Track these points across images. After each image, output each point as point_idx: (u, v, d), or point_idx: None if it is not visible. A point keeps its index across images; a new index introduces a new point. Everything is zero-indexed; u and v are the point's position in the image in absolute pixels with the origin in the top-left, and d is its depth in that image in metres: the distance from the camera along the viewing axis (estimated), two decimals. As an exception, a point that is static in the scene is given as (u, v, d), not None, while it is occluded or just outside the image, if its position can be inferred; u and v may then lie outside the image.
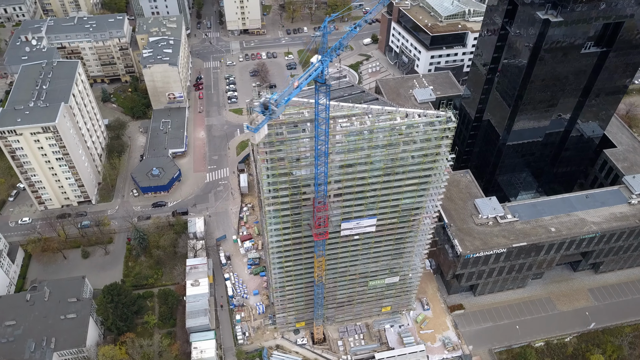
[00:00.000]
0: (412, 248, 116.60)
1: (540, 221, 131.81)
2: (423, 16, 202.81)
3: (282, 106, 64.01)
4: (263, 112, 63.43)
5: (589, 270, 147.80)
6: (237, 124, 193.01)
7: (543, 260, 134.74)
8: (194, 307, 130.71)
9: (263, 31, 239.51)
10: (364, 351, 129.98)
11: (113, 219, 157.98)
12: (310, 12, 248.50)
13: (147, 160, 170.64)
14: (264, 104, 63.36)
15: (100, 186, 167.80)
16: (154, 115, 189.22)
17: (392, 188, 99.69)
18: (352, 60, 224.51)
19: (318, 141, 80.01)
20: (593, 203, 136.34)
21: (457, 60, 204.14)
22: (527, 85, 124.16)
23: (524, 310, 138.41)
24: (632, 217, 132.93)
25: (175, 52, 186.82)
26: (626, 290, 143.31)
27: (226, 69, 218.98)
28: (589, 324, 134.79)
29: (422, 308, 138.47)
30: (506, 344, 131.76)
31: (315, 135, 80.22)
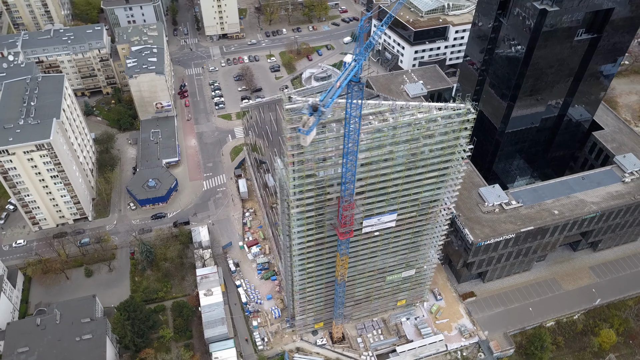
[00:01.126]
0: (428, 240, 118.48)
1: (543, 205, 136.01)
2: (404, 12, 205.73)
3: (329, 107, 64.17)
4: (312, 113, 63.44)
5: (588, 249, 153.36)
6: (227, 130, 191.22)
7: (547, 242, 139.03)
8: (211, 316, 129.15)
9: (242, 35, 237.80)
10: (384, 346, 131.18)
11: (113, 234, 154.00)
12: (287, 13, 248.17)
13: (142, 172, 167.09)
14: (313, 106, 63.42)
15: (94, 202, 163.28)
16: (142, 125, 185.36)
17: (412, 182, 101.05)
18: (335, 60, 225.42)
19: (349, 140, 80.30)
20: (590, 184, 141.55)
21: (440, 54, 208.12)
22: (525, 74, 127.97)
23: (532, 293, 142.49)
24: (627, 194, 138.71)
25: (161, 60, 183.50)
26: (624, 265, 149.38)
27: (209, 75, 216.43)
28: (594, 300, 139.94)
29: (435, 299, 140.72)
30: (519, 326, 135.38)
31: (346, 134, 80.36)
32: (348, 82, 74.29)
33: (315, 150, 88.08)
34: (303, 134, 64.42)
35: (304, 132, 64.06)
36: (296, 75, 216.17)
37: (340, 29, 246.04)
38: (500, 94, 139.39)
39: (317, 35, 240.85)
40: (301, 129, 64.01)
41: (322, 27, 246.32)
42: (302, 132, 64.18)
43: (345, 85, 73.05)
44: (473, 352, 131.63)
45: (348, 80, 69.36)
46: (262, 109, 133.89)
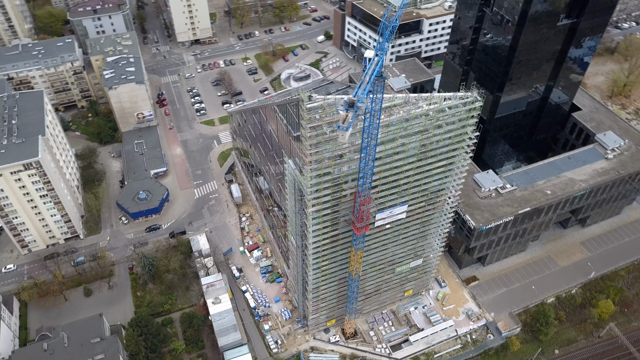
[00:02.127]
0: (435, 229, 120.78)
1: (536, 186, 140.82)
2: (377, 8, 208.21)
3: (364, 101, 64.86)
4: (348, 109, 63.98)
5: (577, 226, 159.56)
6: (212, 136, 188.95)
7: (542, 222, 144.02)
8: (222, 324, 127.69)
9: (215, 39, 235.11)
10: (396, 337, 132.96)
11: (108, 250, 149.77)
12: (258, 15, 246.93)
13: (130, 185, 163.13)
14: (350, 102, 63.93)
15: (84, 219, 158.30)
16: (124, 137, 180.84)
17: (423, 173, 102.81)
18: (311, 59, 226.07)
19: (369, 133, 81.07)
20: (576, 163, 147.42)
21: (415, 47, 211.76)
22: (512, 62, 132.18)
23: (530, 272, 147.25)
24: (611, 170, 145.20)
25: (139, 69, 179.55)
26: (612, 238, 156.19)
27: (186, 82, 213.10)
28: (589, 273, 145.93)
29: (440, 286, 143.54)
30: (523, 305, 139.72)
31: (365, 128, 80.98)
32: (371, 77, 75.06)
33: (333, 148, 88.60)
34: (342, 130, 64.82)
35: (343, 129, 64.48)
36: (274, 77, 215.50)
37: (312, 28, 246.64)
38: (487, 83, 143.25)
39: (290, 36, 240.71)
40: (340, 126, 64.40)
41: (294, 28, 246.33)
42: (342, 129, 64.59)
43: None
44: (482, 334, 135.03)
45: (375, 75, 69.89)
46: (255, 112, 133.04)
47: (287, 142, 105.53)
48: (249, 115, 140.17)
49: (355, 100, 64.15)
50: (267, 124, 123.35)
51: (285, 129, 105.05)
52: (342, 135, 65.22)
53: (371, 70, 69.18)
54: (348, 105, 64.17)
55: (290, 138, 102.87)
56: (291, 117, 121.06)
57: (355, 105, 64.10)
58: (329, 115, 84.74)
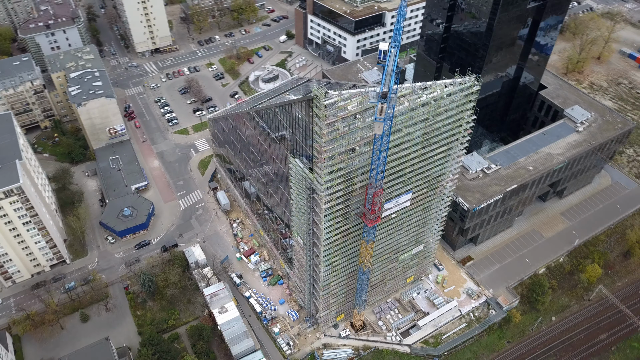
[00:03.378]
0: (435, 213, 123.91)
1: (518, 164, 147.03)
2: (339, 4, 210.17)
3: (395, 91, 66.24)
4: (382, 101, 64.98)
5: (555, 198, 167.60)
6: (188, 145, 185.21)
7: (526, 197, 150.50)
8: (233, 332, 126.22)
9: (175, 47, 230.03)
10: (404, 323, 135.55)
11: (99, 272, 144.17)
12: (216, 20, 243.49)
13: (113, 203, 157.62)
14: (382, 94, 64.93)
15: (67, 243, 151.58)
16: (97, 154, 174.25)
17: (426, 160, 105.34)
18: (276, 60, 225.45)
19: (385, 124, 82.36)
20: (550, 138, 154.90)
21: (379, 40, 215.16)
22: (488, 45, 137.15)
23: (519, 246, 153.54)
24: (583, 142, 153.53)
25: (106, 83, 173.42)
26: (587, 206, 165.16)
27: (152, 93, 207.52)
28: (573, 241, 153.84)
29: (437, 269, 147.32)
30: (517, 278, 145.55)
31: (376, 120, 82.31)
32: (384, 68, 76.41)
33: (346, 143, 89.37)
34: (380, 122, 65.69)
35: (380, 120, 65.39)
36: (242, 80, 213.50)
37: (272, 28, 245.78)
38: (464, 68, 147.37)
39: (251, 38, 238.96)
40: (377, 117, 65.26)
41: (254, 30, 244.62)
42: (379, 120, 65.48)
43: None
44: (484, 310, 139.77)
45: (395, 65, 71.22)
46: (247, 115, 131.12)
47: (294, 142, 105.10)
48: (237, 119, 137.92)
49: (387, 91, 65.30)
50: (271, 123, 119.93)
51: (290, 129, 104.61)
52: (378, 127, 66.17)
53: (392, 61, 70.36)
54: (381, 97, 65.24)
55: (295, 137, 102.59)
56: (270, 120, 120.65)
57: (388, 97, 65.27)
58: (342, 110, 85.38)
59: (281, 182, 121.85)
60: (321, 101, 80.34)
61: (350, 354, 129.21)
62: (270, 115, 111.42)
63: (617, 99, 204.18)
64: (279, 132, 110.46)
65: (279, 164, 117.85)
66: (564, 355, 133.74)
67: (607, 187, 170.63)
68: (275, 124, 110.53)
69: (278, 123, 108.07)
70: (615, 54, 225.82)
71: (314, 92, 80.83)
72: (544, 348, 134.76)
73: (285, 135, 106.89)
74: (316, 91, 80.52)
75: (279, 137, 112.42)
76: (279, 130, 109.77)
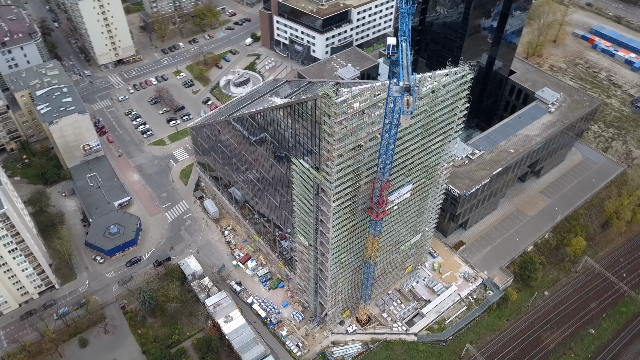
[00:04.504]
0: (431, 202, 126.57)
1: (500, 147, 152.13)
2: (304, 4, 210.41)
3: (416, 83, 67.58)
4: (406, 93, 66.07)
5: (533, 177, 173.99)
6: (166, 156, 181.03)
7: (509, 179, 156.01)
8: (242, 340, 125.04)
9: (139, 57, 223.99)
10: (408, 313, 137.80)
11: (91, 293, 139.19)
12: (178, 26, 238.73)
13: (97, 221, 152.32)
14: (406, 87, 65.97)
15: (53, 267, 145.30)
16: (73, 173, 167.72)
17: (425, 150, 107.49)
18: (245, 63, 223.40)
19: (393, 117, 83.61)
20: (526, 120, 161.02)
21: (347, 37, 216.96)
22: (465, 35, 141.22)
23: (506, 227, 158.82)
24: (557, 122, 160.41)
25: (76, 98, 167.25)
26: (563, 182, 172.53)
27: (121, 105, 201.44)
28: (556, 217, 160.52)
29: (432, 257, 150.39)
30: (509, 258, 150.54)
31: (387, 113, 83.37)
32: (393, 62, 77.57)
33: (355, 139, 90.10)
34: (407, 114, 66.72)
35: (407, 112, 66.41)
36: (213, 86, 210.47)
37: (236, 32, 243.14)
38: (441, 59, 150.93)
39: (216, 43, 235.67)
40: (405, 110, 66.22)
41: (218, 34, 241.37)
42: (406, 113, 66.49)
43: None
44: (482, 292, 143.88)
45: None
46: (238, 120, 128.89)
47: (296, 143, 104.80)
48: (225, 125, 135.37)
49: (410, 84, 66.47)
50: (269, 126, 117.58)
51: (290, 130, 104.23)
52: (405, 119, 67.23)
53: (405, 55, 71.50)
54: (405, 90, 66.37)
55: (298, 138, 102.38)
56: (250, 124, 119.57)
57: (411, 89, 66.47)
58: (352, 107, 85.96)
59: (280, 185, 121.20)
60: (332, 99, 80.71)
61: (360, 348, 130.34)
62: (268, 118, 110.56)
63: (577, 78, 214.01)
64: (278, 134, 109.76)
65: (278, 166, 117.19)
66: (560, 327, 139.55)
67: (579, 163, 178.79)
68: (273, 126, 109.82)
69: (277, 125, 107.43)
70: (569, 36, 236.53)
71: (324, 91, 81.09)
72: (541, 322, 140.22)
73: (286, 136, 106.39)
74: (326, 90, 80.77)
75: (278, 139, 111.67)
76: (278, 132, 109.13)
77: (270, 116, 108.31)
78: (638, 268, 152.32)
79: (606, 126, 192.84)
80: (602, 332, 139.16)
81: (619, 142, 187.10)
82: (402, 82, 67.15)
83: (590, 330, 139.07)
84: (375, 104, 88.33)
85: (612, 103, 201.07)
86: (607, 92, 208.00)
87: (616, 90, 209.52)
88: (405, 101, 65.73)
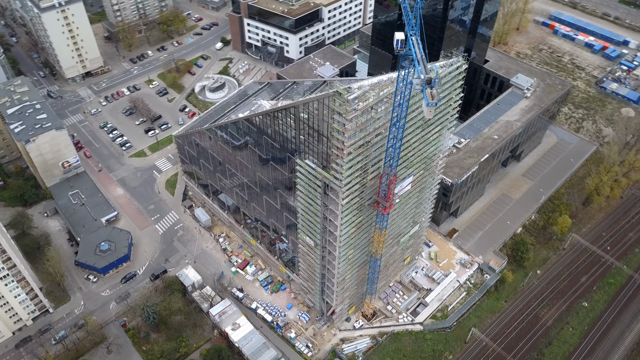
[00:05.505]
0: (428, 192, 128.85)
1: (484, 134, 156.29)
2: (275, 5, 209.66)
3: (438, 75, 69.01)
4: (426, 86, 67.19)
5: (514, 162, 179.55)
6: (148, 167, 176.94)
7: (494, 165, 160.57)
8: (252, 347, 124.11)
9: (107, 68, 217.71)
10: (412, 303, 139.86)
11: (89, 314, 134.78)
12: (145, 35, 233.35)
13: (86, 240, 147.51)
14: (428, 80, 67.08)
15: (44, 291, 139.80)
16: (54, 192, 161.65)
17: (425, 142, 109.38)
18: (218, 67, 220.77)
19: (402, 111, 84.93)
20: (504, 107, 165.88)
21: (319, 36, 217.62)
22: (445, 28, 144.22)
23: (494, 211, 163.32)
24: (534, 106, 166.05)
25: (51, 114, 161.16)
26: (543, 164, 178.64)
27: (95, 119, 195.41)
28: (540, 198, 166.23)
29: (428, 247, 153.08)
30: (500, 241, 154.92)
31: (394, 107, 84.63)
32: (403, 56, 78.72)
33: (363, 135, 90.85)
34: (432, 106, 67.79)
35: (432, 104, 67.50)
36: (189, 93, 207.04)
37: (205, 37, 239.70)
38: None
39: (185, 49, 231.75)
40: (429, 102, 67.26)
41: (186, 40, 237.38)
42: (431, 105, 67.56)
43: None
44: (479, 276, 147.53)
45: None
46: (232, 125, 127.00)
47: (299, 143, 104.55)
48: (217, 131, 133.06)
49: (431, 77, 67.70)
50: (268, 129, 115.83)
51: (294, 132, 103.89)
52: (429, 111, 68.37)
53: (418, 49, 72.65)
54: (427, 83, 67.57)
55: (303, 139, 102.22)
56: (247, 128, 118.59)
57: (433, 82, 67.73)
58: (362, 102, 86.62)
59: (281, 187, 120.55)
60: (344, 96, 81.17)
61: (369, 342, 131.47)
62: (268, 120, 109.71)
63: (543, 64, 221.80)
64: (279, 135, 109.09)
65: (279, 168, 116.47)
66: (555, 303, 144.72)
67: (555, 145, 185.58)
68: (274, 128, 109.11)
69: (279, 127, 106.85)
70: (531, 23, 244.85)
71: (335, 89, 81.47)
72: (538, 300, 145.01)
73: (289, 137, 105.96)
74: (338, 88, 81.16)
75: (279, 141, 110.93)
76: (279, 134, 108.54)
77: (271, 118, 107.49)
78: (620, 240, 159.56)
79: (575, 107, 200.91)
80: (595, 304, 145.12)
81: (589, 122, 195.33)
82: (422, 76, 68.24)
83: (583, 304, 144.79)
84: (382, 99, 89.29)
85: (579, 85, 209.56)
86: (572, 75, 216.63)
87: (580, 73, 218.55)
88: (429, 94, 66.92)
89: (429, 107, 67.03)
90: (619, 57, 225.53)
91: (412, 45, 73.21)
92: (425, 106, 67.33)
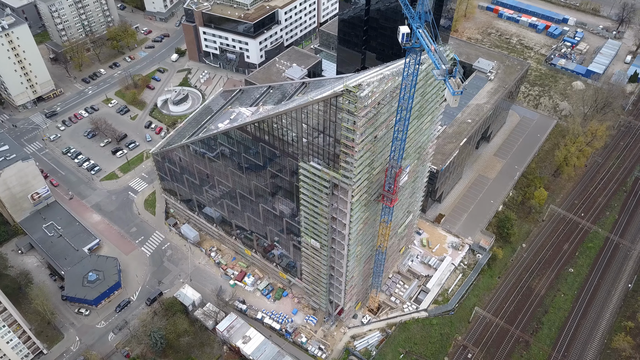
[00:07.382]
0: (420, 182, 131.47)
1: (458, 120, 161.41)
2: (230, 10, 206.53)
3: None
4: (448, 76, 68.52)
5: (484, 143, 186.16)
6: (122, 189, 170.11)
7: (470, 148, 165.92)
8: (267, 357, 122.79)
9: (59, 91, 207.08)
10: (413, 291, 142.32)
11: (88, 349, 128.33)
12: (95, 52, 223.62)
13: (71, 272, 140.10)
14: (449, 70, 68.46)
15: (34, 331, 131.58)
16: (26, 227, 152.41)
17: (420, 132, 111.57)
18: (177, 79, 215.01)
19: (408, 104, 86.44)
20: (472, 90, 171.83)
21: (278, 38, 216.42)
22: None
23: (475, 192, 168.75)
24: (499, 87, 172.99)
25: (14, 145, 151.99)
26: (511, 142, 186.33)
27: (55, 145, 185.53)
28: (514, 175, 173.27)
29: (419, 234, 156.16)
30: (485, 221, 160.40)
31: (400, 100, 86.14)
32: (410, 49, 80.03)
33: (371, 131, 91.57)
34: (457, 95, 69.01)
35: (458, 93, 68.75)
36: (151, 108, 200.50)
37: (157, 50, 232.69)
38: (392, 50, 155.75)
39: (140, 64, 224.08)
40: (455, 91, 68.44)
41: (138, 54, 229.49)
42: (457, 94, 68.77)
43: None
44: (471, 257, 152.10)
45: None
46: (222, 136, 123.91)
47: (302, 146, 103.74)
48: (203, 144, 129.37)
49: (450, 67, 69.21)
50: (266, 135, 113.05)
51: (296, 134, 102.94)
52: (455, 100, 69.68)
53: (427, 42, 74.04)
54: (448, 73, 69.00)
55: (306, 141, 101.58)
56: (240, 136, 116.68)
57: (454, 71, 69.24)
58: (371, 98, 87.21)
59: (281, 192, 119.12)
60: (355, 94, 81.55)
61: (380, 336, 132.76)
62: (265, 126, 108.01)
63: (494, 46, 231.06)
64: (278, 140, 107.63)
65: (279, 174, 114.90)
66: (544, 273, 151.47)
67: (519, 123, 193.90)
68: (272, 134, 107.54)
69: (278, 131, 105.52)
70: (476, 9, 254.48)
71: (346, 87, 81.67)
72: (528, 272, 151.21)
73: (289, 141, 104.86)
74: (348, 86, 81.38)
75: (278, 146, 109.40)
76: (278, 138, 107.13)
77: (269, 123, 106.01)
78: (592, 205, 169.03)
79: (531, 85, 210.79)
80: (580, 269, 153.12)
81: (545, 97, 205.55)
82: (443, 66, 69.62)
83: (570, 270, 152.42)
84: (388, 92, 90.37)
85: (531, 64, 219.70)
86: (522, 55, 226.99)
87: (530, 52, 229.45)
88: (453, 83, 68.41)
89: (454, 96, 68.50)
90: (562, 34, 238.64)
91: (421, 39, 74.38)
92: (451, 95, 68.74)
